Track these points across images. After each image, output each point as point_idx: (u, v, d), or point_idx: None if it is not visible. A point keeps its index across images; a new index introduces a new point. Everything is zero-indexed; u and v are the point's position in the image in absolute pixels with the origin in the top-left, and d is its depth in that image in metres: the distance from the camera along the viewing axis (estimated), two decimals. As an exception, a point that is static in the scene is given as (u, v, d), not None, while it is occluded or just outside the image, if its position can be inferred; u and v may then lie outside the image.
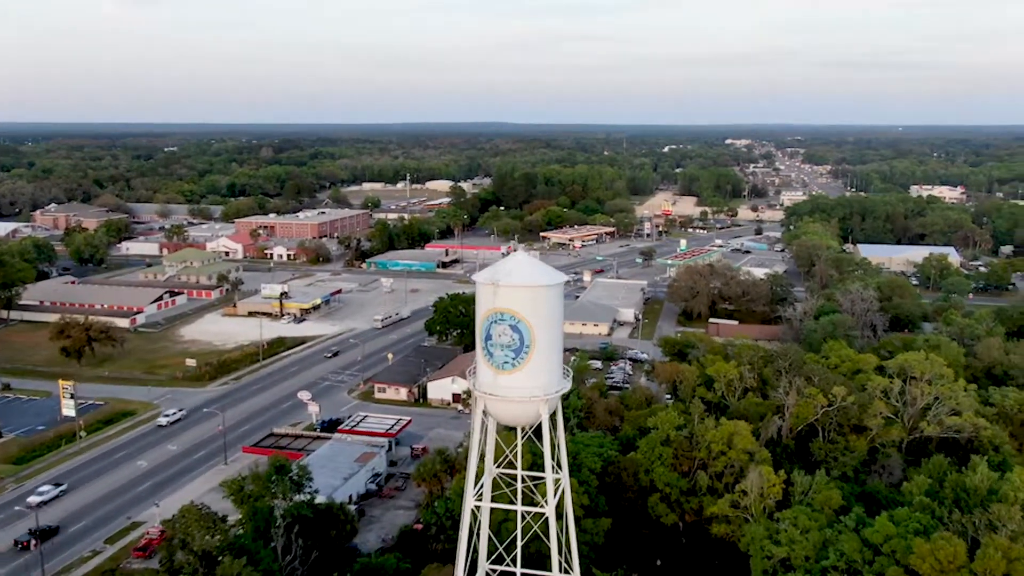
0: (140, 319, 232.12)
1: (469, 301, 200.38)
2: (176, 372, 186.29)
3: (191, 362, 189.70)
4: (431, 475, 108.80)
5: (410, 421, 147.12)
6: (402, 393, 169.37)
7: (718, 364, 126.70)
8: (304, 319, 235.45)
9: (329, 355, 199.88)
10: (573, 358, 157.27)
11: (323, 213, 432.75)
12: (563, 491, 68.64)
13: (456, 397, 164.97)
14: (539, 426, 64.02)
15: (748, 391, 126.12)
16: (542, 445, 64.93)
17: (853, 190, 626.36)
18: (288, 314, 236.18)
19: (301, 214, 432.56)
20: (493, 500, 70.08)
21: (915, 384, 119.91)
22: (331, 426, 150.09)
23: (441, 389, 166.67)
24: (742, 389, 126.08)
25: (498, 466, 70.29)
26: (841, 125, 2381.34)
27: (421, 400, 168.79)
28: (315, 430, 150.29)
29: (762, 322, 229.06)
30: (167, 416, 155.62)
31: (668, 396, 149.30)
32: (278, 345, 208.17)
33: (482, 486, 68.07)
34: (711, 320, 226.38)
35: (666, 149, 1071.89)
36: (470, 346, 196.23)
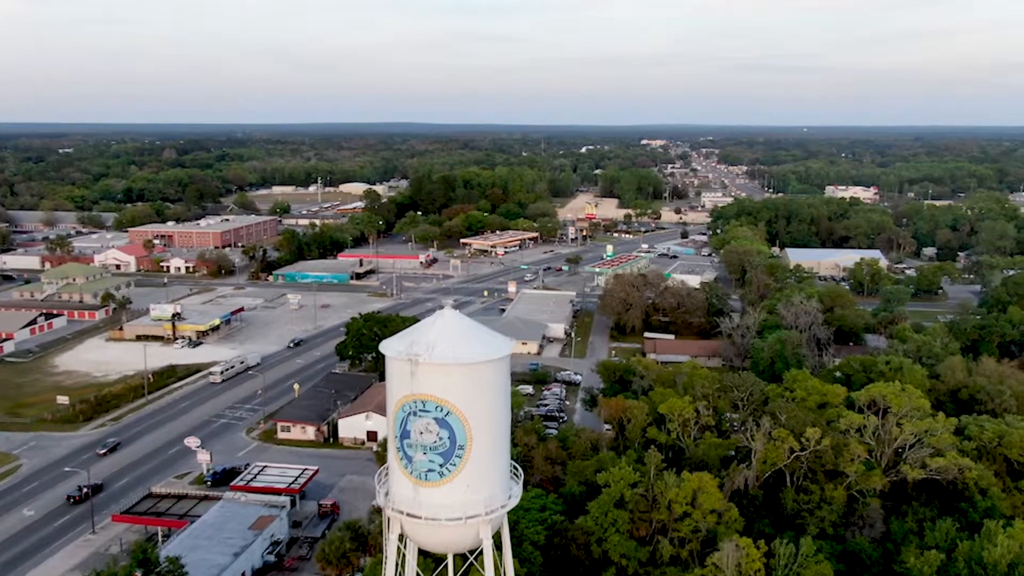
0: (8, 347, 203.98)
1: (386, 322, 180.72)
2: (45, 412, 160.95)
3: (63, 399, 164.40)
4: (339, 556, 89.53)
5: (316, 471, 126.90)
6: (309, 432, 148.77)
7: (671, 400, 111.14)
8: (200, 343, 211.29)
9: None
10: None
11: (227, 220, 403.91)
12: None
13: (371, 435, 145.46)
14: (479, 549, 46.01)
15: (706, 430, 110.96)
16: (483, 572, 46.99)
17: (771, 191, 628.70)
18: (182, 337, 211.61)
19: (203, 221, 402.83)
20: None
21: (890, 418, 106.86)
22: (225, 477, 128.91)
23: (354, 427, 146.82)
24: (699, 428, 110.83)
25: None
26: (750, 126, 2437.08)
27: (331, 440, 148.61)
28: (205, 483, 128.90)
29: (698, 334, 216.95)
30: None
31: (608, 426, 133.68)
32: (169, 375, 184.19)
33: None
34: (646, 335, 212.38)
35: (584, 150, 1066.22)
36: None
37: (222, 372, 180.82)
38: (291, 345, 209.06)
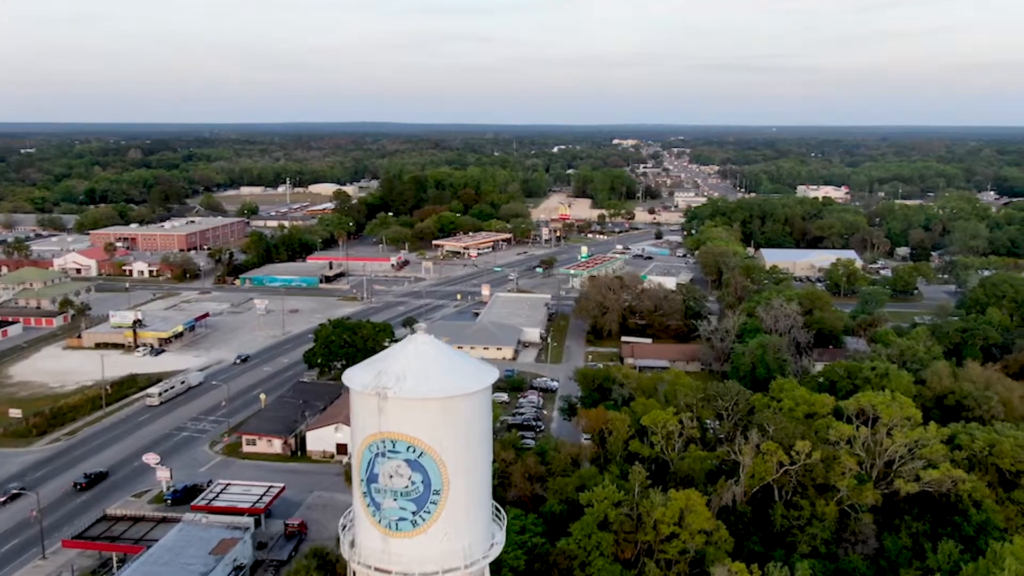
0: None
1: (356, 328, 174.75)
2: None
3: (16, 412, 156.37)
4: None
5: (283, 489, 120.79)
6: (276, 445, 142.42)
7: (654, 412, 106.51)
8: (163, 350, 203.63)
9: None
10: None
11: (193, 222, 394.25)
12: None
13: (341, 448, 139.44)
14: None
15: (690, 442, 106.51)
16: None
17: (743, 190, 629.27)
18: (143, 345, 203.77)
19: (167, 224, 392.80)
20: None
21: (880, 428, 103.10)
22: (186, 495, 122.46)
23: (323, 439, 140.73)
24: (683, 441, 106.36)
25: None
26: (720, 125, 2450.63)
27: (299, 453, 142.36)
28: (165, 502, 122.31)
29: (675, 337, 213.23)
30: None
31: (586, 436, 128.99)
32: (129, 385, 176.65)
33: None
34: (624, 339, 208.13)
35: (556, 149, 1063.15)
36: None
37: (160, 394, 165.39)
38: (237, 361, 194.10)
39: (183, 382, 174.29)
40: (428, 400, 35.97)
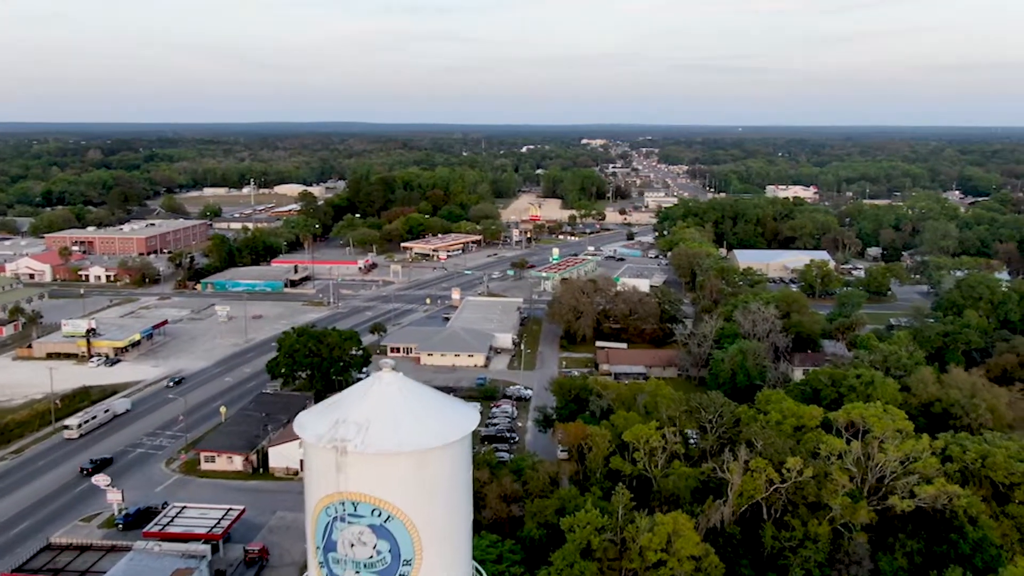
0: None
1: (321, 336, 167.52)
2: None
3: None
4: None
5: (243, 511, 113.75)
6: (236, 462, 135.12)
7: (636, 427, 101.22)
8: (119, 360, 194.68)
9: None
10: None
11: (153, 225, 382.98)
12: None
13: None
14: None
15: (674, 458, 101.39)
16: None
17: (713, 190, 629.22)
18: (98, 355, 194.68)
19: (126, 226, 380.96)
20: None
21: (870, 441, 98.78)
22: (139, 519, 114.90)
23: (286, 455, 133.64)
24: (666, 456, 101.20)
25: None
26: (688, 126, 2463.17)
27: (261, 470, 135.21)
28: (117, 526, 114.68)
29: (651, 341, 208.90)
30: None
31: (562, 449, 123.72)
32: (81, 398, 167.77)
33: None
34: (598, 344, 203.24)
35: (524, 149, 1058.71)
36: (323, 392, 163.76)
37: (80, 426, 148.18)
38: (169, 384, 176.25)
39: (107, 411, 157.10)
40: (397, 455, 29.91)
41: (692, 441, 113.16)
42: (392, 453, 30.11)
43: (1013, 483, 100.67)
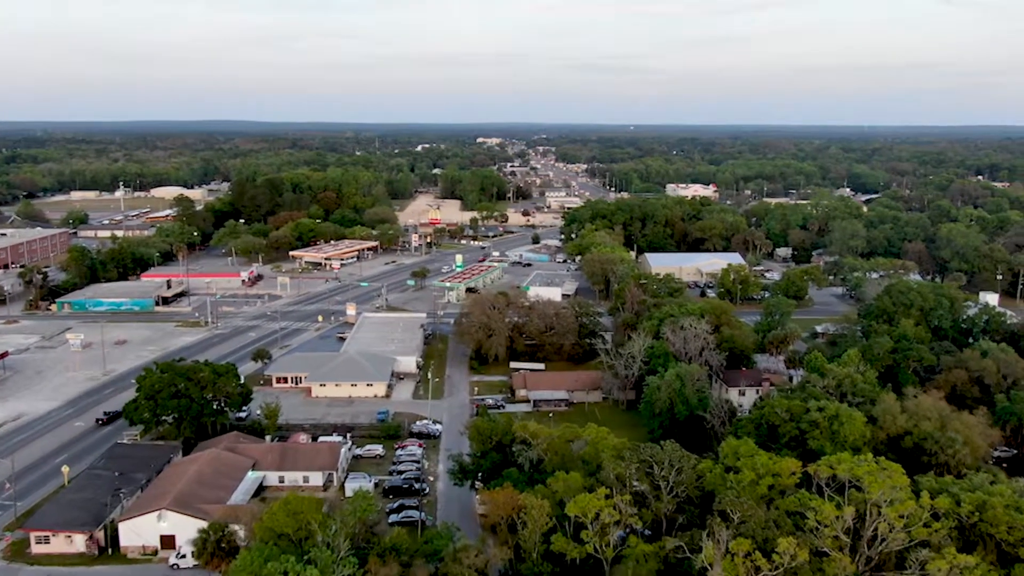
0: None
1: (191, 372, 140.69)
2: None
3: None
4: None
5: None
6: (77, 543, 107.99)
7: (581, 498, 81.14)
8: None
9: None
10: (352, 497, 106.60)
11: (3, 235, 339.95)
12: None
13: (167, 541, 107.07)
14: None
15: (631, 532, 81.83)
16: None
17: (614, 190, 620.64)
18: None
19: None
20: None
21: (860, 503, 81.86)
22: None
23: (142, 531, 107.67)
24: (619, 533, 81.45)
25: None
26: (582, 124, 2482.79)
27: (110, 551, 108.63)
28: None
29: (570, 359, 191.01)
30: None
31: (482, 508, 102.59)
32: None
33: None
34: (513, 365, 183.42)
35: (420, 148, 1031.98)
36: (192, 440, 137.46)
37: None
38: None
39: None
40: None
41: (649, 499, 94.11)
42: None
43: (1018, 539, 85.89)
